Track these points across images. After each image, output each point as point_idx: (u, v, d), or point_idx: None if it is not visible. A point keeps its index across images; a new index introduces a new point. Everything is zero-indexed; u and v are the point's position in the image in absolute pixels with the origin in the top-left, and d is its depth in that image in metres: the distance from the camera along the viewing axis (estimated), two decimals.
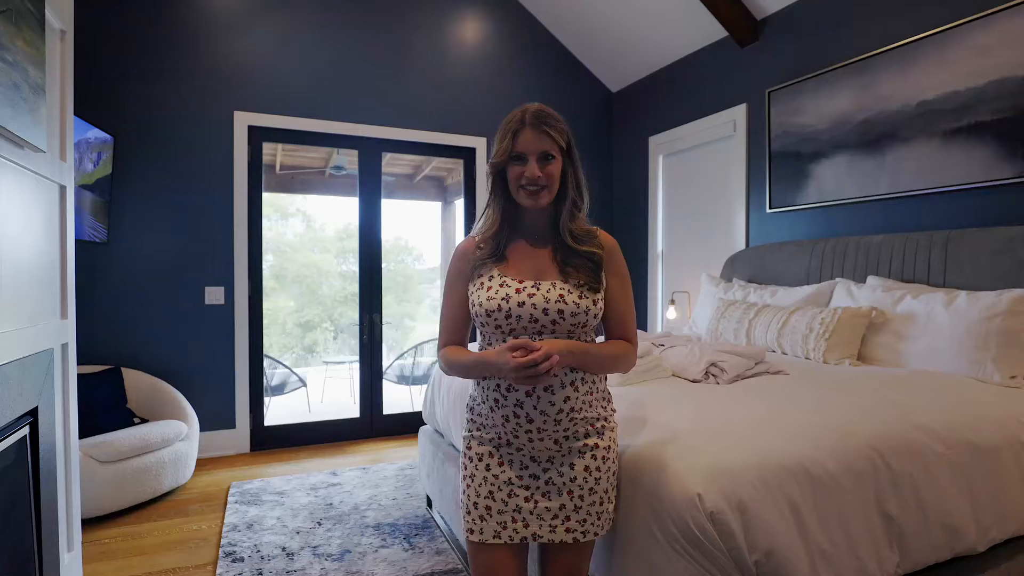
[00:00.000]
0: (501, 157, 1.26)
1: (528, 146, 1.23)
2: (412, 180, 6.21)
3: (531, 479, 1.25)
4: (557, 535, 1.24)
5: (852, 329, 2.36)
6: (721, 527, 1.20)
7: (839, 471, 1.37)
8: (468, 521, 1.28)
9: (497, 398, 1.23)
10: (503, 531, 1.25)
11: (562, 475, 1.25)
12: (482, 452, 1.28)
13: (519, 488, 1.25)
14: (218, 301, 3.59)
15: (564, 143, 1.26)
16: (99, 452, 2.64)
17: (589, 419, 1.26)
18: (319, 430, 3.97)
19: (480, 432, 1.30)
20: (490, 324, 1.24)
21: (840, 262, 2.83)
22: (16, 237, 1.66)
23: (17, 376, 1.64)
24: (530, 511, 1.24)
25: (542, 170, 1.23)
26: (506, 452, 1.27)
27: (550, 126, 1.24)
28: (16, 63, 1.55)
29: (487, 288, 1.25)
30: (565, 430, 1.24)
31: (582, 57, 4.59)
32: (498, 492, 1.25)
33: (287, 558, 2.33)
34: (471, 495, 1.28)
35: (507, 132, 1.26)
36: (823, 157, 3.04)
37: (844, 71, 2.90)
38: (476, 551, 1.29)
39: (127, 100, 3.35)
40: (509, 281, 1.25)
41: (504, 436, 1.26)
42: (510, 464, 1.26)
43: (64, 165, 2.03)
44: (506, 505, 1.25)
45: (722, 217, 3.75)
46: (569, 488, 1.24)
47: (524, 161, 1.24)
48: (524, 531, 1.25)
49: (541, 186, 1.24)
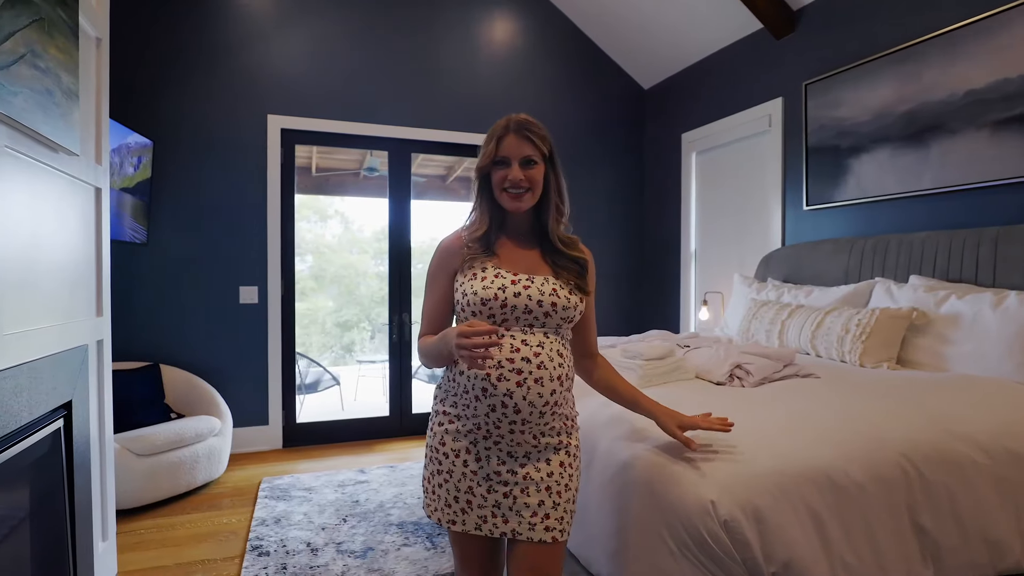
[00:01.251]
0: (486, 161, 1.32)
1: (511, 151, 1.29)
2: (444, 181, 6.24)
3: (509, 475, 1.25)
4: (536, 533, 1.22)
5: (891, 331, 2.24)
6: (736, 536, 1.15)
7: (866, 480, 1.30)
8: (450, 513, 1.29)
9: (486, 387, 1.22)
10: (484, 524, 1.26)
11: (539, 470, 1.25)
12: (459, 448, 1.28)
13: (498, 484, 1.25)
14: (252, 300, 3.68)
15: (546, 150, 1.32)
16: (136, 445, 2.73)
17: (565, 416, 1.30)
18: (349, 428, 4.02)
19: (456, 425, 1.28)
20: (483, 313, 1.25)
21: (880, 261, 2.70)
22: (50, 237, 1.73)
23: (50, 371, 1.70)
24: (509, 507, 1.24)
25: (524, 174, 1.28)
26: (483, 447, 1.26)
27: (532, 132, 1.29)
28: (49, 70, 1.62)
29: (481, 279, 1.27)
30: (545, 424, 1.25)
31: (613, 54, 4.53)
32: (478, 487, 1.26)
33: (311, 553, 2.36)
34: (451, 490, 1.28)
35: (491, 138, 1.32)
36: (863, 151, 2.91)
37: (885, 61, 2.77)
38: (458, 540, 1.32)
39: (166, 106, 3.47)
40: (504, 273, 1.28)
41: (484, 428, 1.25)
42: (487, 460, 1.26)
43: (99, 168, 2.11)
44: (485, 500, 1.25)
45: (757, 215, 3.63)
46: (547, 484, 1.24)
47: (507, 165, 1.29)
48: (504, 527, 1.24)
49: (524, 189, 1.29)
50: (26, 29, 1.48)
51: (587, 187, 4.43)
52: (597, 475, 1.47)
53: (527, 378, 1.21)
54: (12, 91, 1.41)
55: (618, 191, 4.64)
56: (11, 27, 1.41)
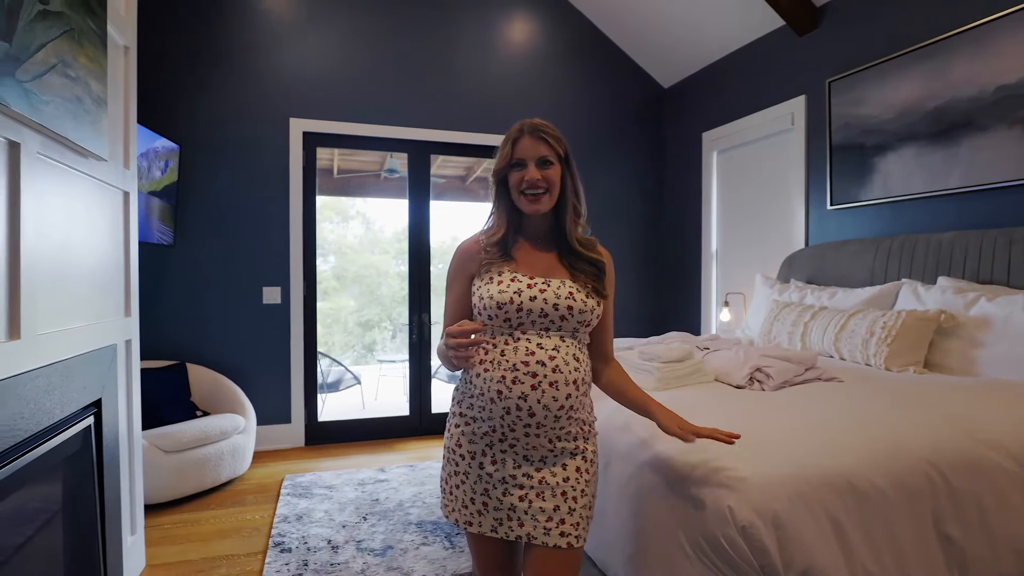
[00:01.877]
0: (502, 164, 1.34)
1: (527, 152, 1.29)
2: (464, 182, 6.27)
3: (525, 478, 1.24)
4: (552, 538, 1.22)
5: (918, 333, 2.20)
6: (753, 542, 1.14)
7: (888, 486, 1.28)
8: (467, 515, 1.29)
9: (501, 390, 1.22)
10: (499, 527, 1.26)
11: (555, 475, 1.24)
12: (474, 450, 1.28)
13: (513, 487, 1.25)
14: (275, 301, 3.74)
15: (562, 151, 1.33)
16: (163, 442, 2.80)
17: (582, 420, 1.28)
18: (370, 427, 4.06)
19: (472, 427, 1.29)
20: (499, 317, 1.26)
21: (907, 262, 2.64)
22: (81, 240, 1.78)
23: (81, 369, 1.75)
24: (524, 511, 1.24)
25: (541, 174, 1.29)
26: (499, 449, 1.26)
27: (547, 134, 1.30)
28: (79, 78, 1.66)
29: (497, 283, 1.28)
30: (561, 428, 1.24)
31: (632, 53, 4.50)
32: (493, 490, 1.26)
33: (332, 551, 2.39)
34: (467, 491, 1.29)
35: (507, 142, 1.34)
36: (888, 150, 2.85)
37: (912, 57, 2.71)
38: (475, 541, 1.33)
39: (191, 110, 3.54)
40: (520, 276, 1.28)
41: (500, 430, 1.25)
42: (503, 463, 1.26)
43: (127, 172, 2.16)
44: (501, 503, 1.25)
45: (780, 215, 3.58)
46: (563, 489, 1.24)
47: (524, 166, 1.30)
48: (519, 530, 1.24)
49: (541, 189, 1.29)
50: (57, 40, 1.53)
51: (606, 188, 4.41)
52: (614, 478, 1.46)
53: (542, 381, 1.21)
54: (44, 100, 1.46)
55: (637, 191, 4.61)
56: (43, 38, 1.45)
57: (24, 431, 1.43)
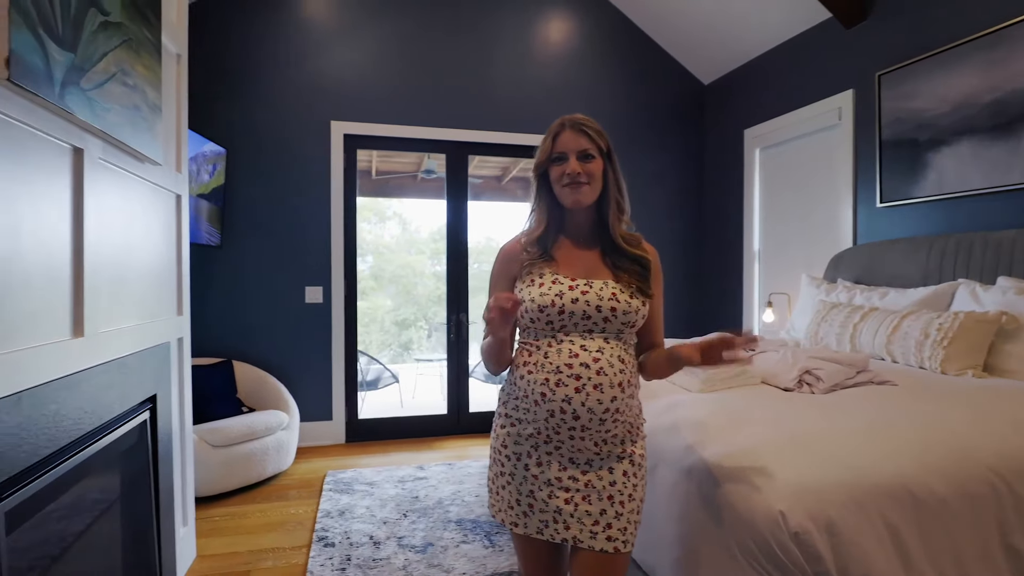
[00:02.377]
0: (543, 158, 1.33)
1: (567, 145, 1.29)
2: (500, 182, 6.29)
3: (571, 481, 1.23)
4: (598, 542, 1.20)
5: (977, 336, 2.10)
6: (807, 549, 1.11)
7: (950, 495, 1.23)
8: (512, 515, 1.29)
9: (544, 392, 1.22)
10: (545, 529, 1.25)
11: (601, 479, 1.23)
12: (520, 452, 1.28)
13: (559, 490, 1.23)
14: (317, 300, 3.82)
15: (603, 145, 1.31)
16: (212, 437, 2.89)
17: (628, 423, 1.26)
18: (408, 425, 4.11)
19: (517, 428, 1.29)
20: (541, 320, 1.25)
21: (964, 261, 2.53)
22: (138, 241, 1.86)
23: (138, 366, 1.82)
24: (570, 514, 1.22)
25: (582, 167, 1.28)
26: (544, 451, 1.25)
27: (588, 127, 1.30)
28: (136, 86, 1.73)
29: (539, 285, 1.27)
30: (607, 431, 1.22)
31: (672, 50, 4.43)
32: (539, 492, 1.25)
33: (374, 546, 2.43)
34: (513, 492, 1.28)
35: (548, 136, 1.34)
36: (943, 144, 2.74)
37: (969, 47, 2.59)
38: (521, 542, 1.32)
39: (238, 115, 3.65)
40: (561, 278, 1.27)
41: (544, 432, 1.24)
42: (548, 464, 1.25)
43: (179, 176, 2.24)
44: (547, 505, 1.24)
45: (826, 213, 3.48)
46: (610, 493, 1.22)
47: (565, 160, 1.29)
48: (564, 533, 1.23)
49: (582, 182, 1.27)
50: (117, 49, 1.59)
51: (645, 186, 4.36)
52: (661, 480, 1.44)
53: (586, 384, 1.19)
54: (105, 107, 1.52)
55: (677, 189, 4.54)
56: (104, 48, 1.52)
57: (88, 425, 1.50)
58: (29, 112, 1.23)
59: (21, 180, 1.21)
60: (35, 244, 1.26)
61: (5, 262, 1.15)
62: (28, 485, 1.25)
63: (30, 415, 1.24)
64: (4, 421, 1.16)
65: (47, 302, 1.31)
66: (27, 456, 1.24)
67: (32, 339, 1.25)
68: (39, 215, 1.28)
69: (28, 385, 1.22)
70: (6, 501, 1.18)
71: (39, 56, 1.22)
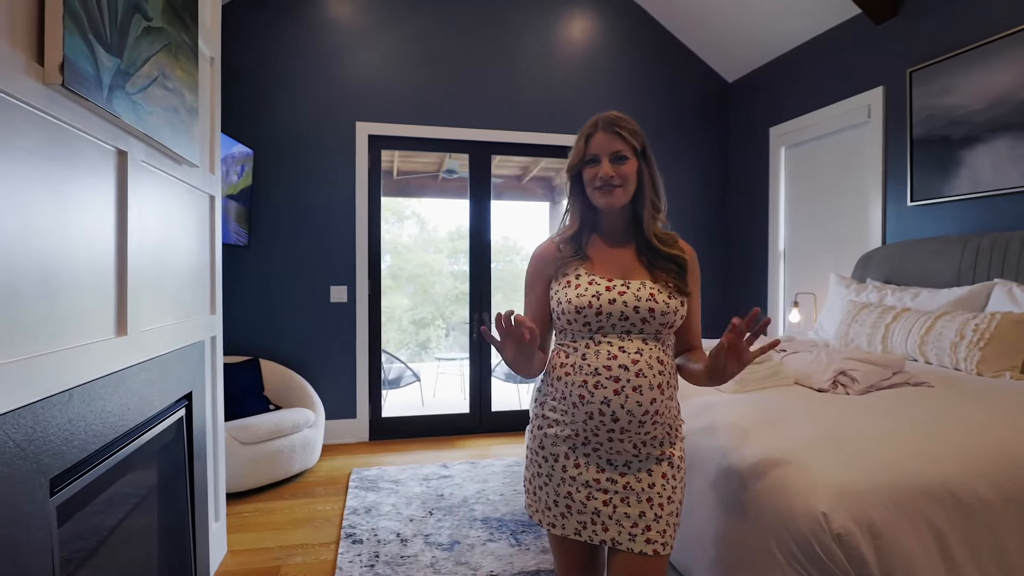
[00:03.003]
0: (575, 160, 1.32)
1: (600, 147, 1.27)
2: (520, 181, 6.30)
3: (609, 483, 1.23)
4: (637, 545, 1.20)
5: (1015, 337, 2.07)
6: (850, 550, 1.10)
7: (995, 498, 1.21)
8: (550, 516, 1.28)
9: (583, 394, 1.22)
10: (583, 530, 1.25)
11: (640, 481, 1.22)
12: (557, 452, 1.27)
13: (597, 491, 1.23)
14: (341, 299, 3.86)
15: (638, 145, 1.29)
16: (241, 434, 2.93)
17: (667, 425, 1.25)
18: (431, 423, 4.14)
19: (554, 430, 1.28)
20: (578, 321, 1.24)
21: (999, 261, 2.48)
22: (174, 242, 1.89)
23: (176, 364, 1.86)
24: (608, 516, 1.22)
25: (615, 170, 1.26)
26: (582, 452, 1.25)
27: (622, 128, 1.27)
28: (175, 89, 1.77)
29: (575, 286, 1.26)
30: (646, 433, 1.21)
31: (696, 48, 4.40)
32: (577, 493, 1.24)
33: (401, 544, 2.45)
34: (551, 493, 1.28)
35: (581, 137, 1.32)
36: (977, 142, 2.69)
37: (1005, 43, 2.55)
38: (558, 543, 1.32)
39: (265, 116, 3.69)
40: (598, 279, 1.26)
41: (583, 434, 1.23)
42: (587, 466, 1.24)
43: (213, 177, 2.28)
44: (584, 507, 1.24)
45: (854, 212, 3.43)
46: (648, 495, 1.21)
47: (597, 162, 1.28)
48: (603, 535, 1.23)
49: (614, 185, 1.26)
50: (158, 54, 1.62)
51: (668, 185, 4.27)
52: (698, 481, 1.44)
53: (625, 386, 1.19)
54: (148, 111, 1.56)
55: (701, 188, 4.51)
56: (147, 53, 1.55)
57: (131, 421, 1.53)
58: (78, 116, 1.27)
59: (71, 182, 1.25)
60: (83, 245, 1.30)
61: (58, 262, 1.19)
62: (77, 480, 1.29)
63: (79, 411, 1.28)
64: (56, 417, 1.19)
65: (94, 301, 1.35)
66: (77, 451, 1.27)
67: (81, 337, 1.28)
68: (86, 216, 1.31)
69: (78, 382, 1.26)
70: (58, 495, 1.21)
71: (89, 61, 1.25)
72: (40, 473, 1.14)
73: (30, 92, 1.10)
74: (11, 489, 1.05)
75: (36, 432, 1.12)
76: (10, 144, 1.06)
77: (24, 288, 1.08)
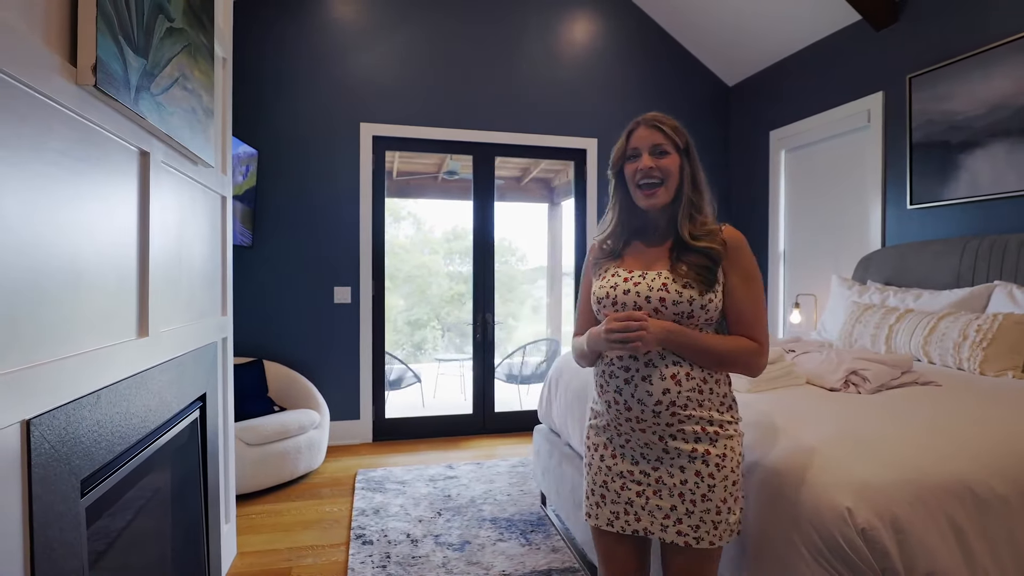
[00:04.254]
0: (617, 156, 1.34)
1: (641, 142, 1.29)
2: (519, 183, 6.32)
3: (642, 475, 1.26)
4: (668, 535, 1.23)
5: (1016, 337, 2.11)
6: (874, 545, 1.13)
7: (1010, 493, 1.24)
8: (586, 505, 1.33)
9: (602, 383, 1.27)
10: (616, 520, 1.28)
11: (672, 476, 1.24)
12: (598, 442, 1.33)
13: (631, 482, 1.27)
14: (345, 300, 3.86)
15: (680, 141, 1.30)
16: (248, 435, 2.93)
17: (699, 421, 1.22)
18: (435, 424, 4.14)
19: (595, 420, 1.34)
20: (600, 312, 1.30)
21: (998, 263, 2.53)
22: (191, 242, 1.89)
23: (192, 365, 1.86)
24: (641, 506, 1.25)
25: (655, 162, 1.27)
26: (618, 444, 1.29)
27: (663, 124, 1.30)
28: (194, 91, 1.77)
29: (601, 278, 1.32)
30: (668, 425, 1.22)
31: (696, 52, 4.45)
32: (612, 483, 1.28)
33: (412, 544, 2.46)
34: (589, 482, 1.33)
35: (623, 135, 1.35)
36: (976, 147, 2.74)
37: (1004, 50, 2.60)
38: (596, 535, 1.35)
39: (269, 117, 3.69)
40: (621, 271, 1.30)
41: (612, 424, 1.28)
42: (622, 457, 1.28)
43: (224, 178, 2.28)
44: (619, 496, 1.27)
45: (853, 214, 3.48)
46: (680, 491, 1.23)
47: (638, 156, 1.30)
48: (635, 524, 1.26)
49: (655, 179, 1.26)
50: (179, 55, 1.63)
51: None
52: None
53: (634, 376, 1.22)
54: (170, 111, 1.56)
55: None
56: (170, 53, 1.56)
57: (152, 422, 1.53)
58: (106, 117, 1.27)
59: (99, 183, 1.25)
60: (109, 245, 1.30)
61: (86, 263, 1.19)
62: (105, 481, 1.29)
63: (107, 413, 1.28)
64: (86, 419, 1.19)
65: (119, 302, 1.35)
66: (104, 453, 1.27)
67: (107, 338, 1.29)
68: (112, 217, 1.31)
69: (105, 383, 1.26)
70: (87, 496, 1.21)
71: (119, 62, 1.25)
72: (72, 474, 1.14)
73: (64, 93, 1.11)
74: (47, 490, 1.05)
75: (68, 433, 1.12)
76: (44, 145, 1.06)
77: (56, 289, 1.08)
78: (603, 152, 4.28)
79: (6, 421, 0.93)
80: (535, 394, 5.46)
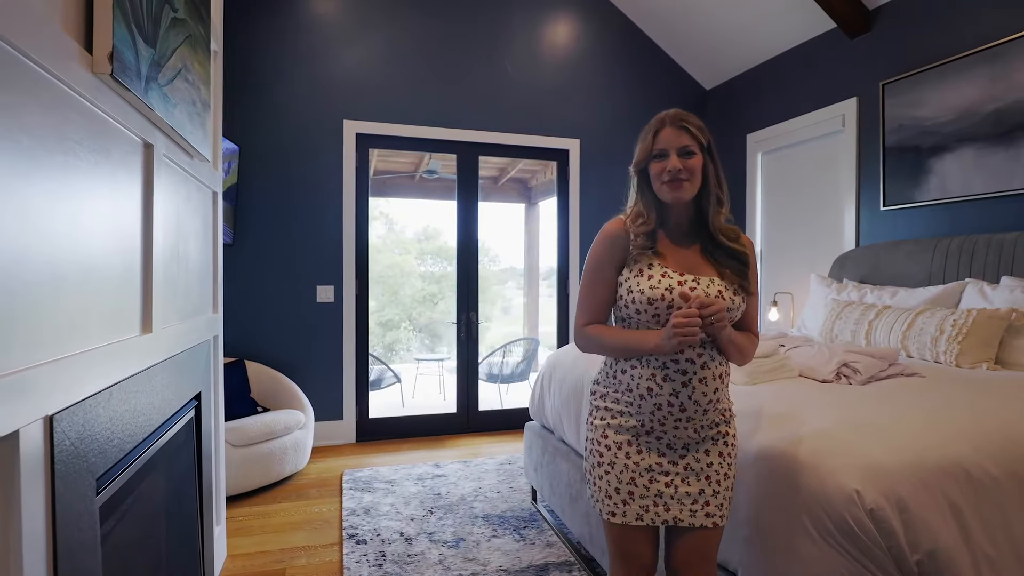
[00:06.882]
0: (643, 155, 1.34)
1: (669, 142, 1.30)
2: (497, 183, 6.33)
3: (670, 465, 1.30)
4: (697, 519, 1.28)
5: (989, 331, 2.23)
6: (882, 525, 1.19)
7: (1002, 475, 1.32)
8: (610, 505, 1.31)
9: (651, 387, 1.27)
10: (645, 514, 1.30)
11: (699, 460, 1.30)
12: (620, 441, 1.31)
13: (659, 475, 1.29)
14: (328, 299, 3.81)
15: (704, 141, 1.32)
16: (233, 436, 2.87)
17: (724, 409, 1.33)
18: (419, 423, 4.12)
19: (618, 420, 1.32)
20: (648, 312, 1.28)
21: (967, 262, 2.67)
22: (187, 237, 1.85)
23: (189, 363, 1.82)
24: (671, 496, 1.29)
25: (683, 163, 1.29)
26: (644, 441, 1.31)
27: (690, 124, 1.31)
28: (193, 83, 1.73)
29: (648, 277, 1.29)
30: (707, 418, 1.29)
31: (675, 55, 4.54)
32: (639, 478, 1.30)
33: (406, 542, 2.45)
34: (612, 481, 1.31)
35: (648, 133, 1.35)
36: (945, 151, 2.88)
37: (972, 60, 2.74)
38: (617, 532, 1.34)
39: (251, 113, 3.62)
40: (670, 273, 1.29)
41: (647, 424, 1.29)
42: (648, 452, 1.30)
43: (216, 173, 2.23)
44: (647, 490, 1.29)
45: (828, 216, 3.61)
46: (707, 474, 1.30)
47: (666, 156, 1.31)
48: (666, 515, 1.29)
49: (682, 179, 1.29)
50: (182, 46, 1.60)
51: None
52: None
53: (692, 378, 1.26)
54: (174, 103, 1.53)
55: None
56: (174, 44, 1.53)
57: (156, 420, 1.50)
58: (118, 107, 1.24)
59: (109, 175, 1.22)
60: (117, 241, 1.27)
61: (98, 258, 1.16)
62: (116, 479, 1.26)
63: (118, 410, 1.25)
64: (101, 415, 1.17)
65: (125, 297, 1.32)
66: (116, 451, 1.25)
67: (115, 334, 1.26)
68: (119, 212, 1.28)
69: (115, 380, 1.23)
70: (102, 494, 1.18)
71: (132, 51, 1.23)
72: (89, 472, 1.11)
73: (81, 81, 1.08)
74: (68, 487, 1.03)
75: (86, 430, 1.10)
76: (64, 135, 1.04)
77: (71, 283, 1.05)
78: (585, 152, 4.33)
79: (30, 417, 0.90)
80: (515, 393, 5.48)
